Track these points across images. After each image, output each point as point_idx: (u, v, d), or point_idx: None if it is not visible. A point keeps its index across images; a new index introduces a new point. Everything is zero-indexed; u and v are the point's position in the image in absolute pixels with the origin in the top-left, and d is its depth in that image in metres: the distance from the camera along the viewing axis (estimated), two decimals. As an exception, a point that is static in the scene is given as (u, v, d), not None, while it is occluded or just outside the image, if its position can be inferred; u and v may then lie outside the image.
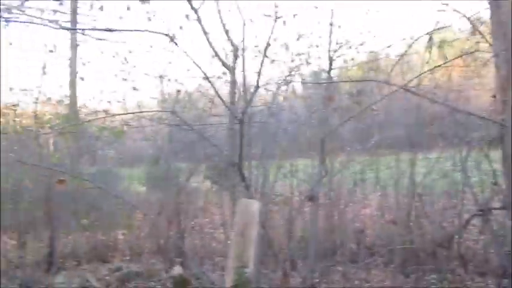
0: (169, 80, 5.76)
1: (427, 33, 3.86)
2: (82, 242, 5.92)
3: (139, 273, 5.42)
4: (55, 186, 4.72)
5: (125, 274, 5.37)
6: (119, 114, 5.00)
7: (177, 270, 3.77)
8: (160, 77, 5.58)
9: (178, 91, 5.40)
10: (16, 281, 4.88)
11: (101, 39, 9.90)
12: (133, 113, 4.75)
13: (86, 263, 5.68)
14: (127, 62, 5.73)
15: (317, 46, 5.20)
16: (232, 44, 4.46)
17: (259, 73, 3.46)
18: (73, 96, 10.43)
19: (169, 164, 6.35)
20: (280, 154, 5.61)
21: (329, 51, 4.44)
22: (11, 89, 6.32)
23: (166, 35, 3.31)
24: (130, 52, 5.79)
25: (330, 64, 4.57)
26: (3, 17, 9.47)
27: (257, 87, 3.62)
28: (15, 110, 6.31)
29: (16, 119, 6.22)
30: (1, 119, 7.18)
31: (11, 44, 8.55)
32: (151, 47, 5.67)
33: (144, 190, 8.59)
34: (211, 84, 3.63)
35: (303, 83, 6.29)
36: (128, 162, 9.90)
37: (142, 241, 6.41)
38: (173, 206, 5.80)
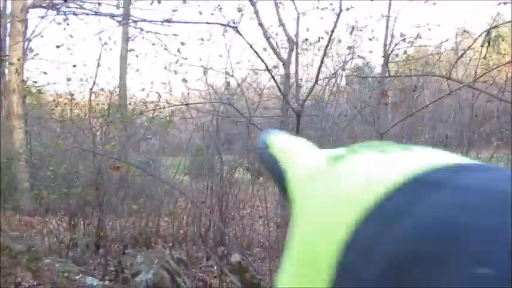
0: (219, 72, 5.83)
1: (491, 28, 3.64)
2: (128, 227, 6.12)
3: (181, 259, 5.57)
4: (110, 173, 4.90)
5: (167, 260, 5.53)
6: (174, 106, 5.07)
7: (235, 257, 3.79)
8: (209, 69, 5.65)
9: (228, 83, 5.44)
10: (68, 261, 5.13)
11: (152, 32, 10.22)
12: (186, 104, 4.81)
13: (130, 248, 5.90)
14: (180, 54, 5.85)
15: (370, 39, 5.08)
16: (288, 37, 4.41)
17: (319, 67, 3.39)
18: (123, 87, 10.86)
19: (214, 155, 6.45)
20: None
21: (385, 44, 4.31)
22: (68, 79, 6.64)
23: (229, 25, 3.33)
24: (182, 44, 5.89)
25: (388, 57, 4.43)
26: (62, 10, 9.95)
27: (316, 80, 3.56)
28: (71, 100, 6.63)
29: (71, 108, 6.52)
30: (58, 108, 7.58)
31: (71, 36, 9.01)
32: (203, 39, 5.75)
33: (187, 179, 8.80)
34: (272, 77, 3.59)
35: (361, 77, 6.14)
36: (171, 152, 10.13)
37: (185, 228, 6.58)
38: (216, 196, 5.89)
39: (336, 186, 0.21)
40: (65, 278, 1.90)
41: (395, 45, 4.39)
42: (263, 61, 3.25)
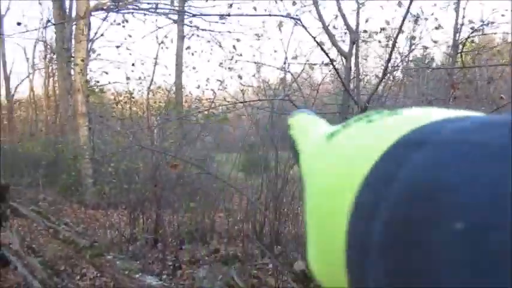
0: (273, 68, 5.75)
1: None
2: (184, 223, 6.23)
3: (236, 256, 5.58)
4: (168, 170, 4.99)
5: (223, 256, 5.56)
6: (232, 103, 5.03)
7: (299, 265, 3.64)
8: (264, 65, 5.58)
9: (282, 79, 5.34)
10: (128, 253, 5.30)
11: (207, 30, 10.35)
12: (244, 102, 4.77)
13: (187, 243, 6.00)
14: (235, 51, 5.84)
15: (436, 28, 4.74)
16: (349, 29, 4.22)
17: (388, 60, 3.19)
18: (179, 85, 11.12)
19: (269, 152, 6.40)
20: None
21: (455, 33, 4.00)
22: (127, 78, 6.87)
23: (292, 17, 3.24)
24: (238, 41, 5.87)
25: (462, 46, 4.11)
26: (121, 12, 10.31)
27: (385, 74, 3.36)
28: (130, 98, 6.86)
29: (131, 106, 6.73)
30: (118, 106, 7.88)
31: (130, 36, 9.35)
32: (258, 35, 5.70)
33: (241, 176, 8.83)
34: (336, 71, 3.44)
35: (433, 69, 5.79)
36: (225, 148, 10.22)
37: (239, 225, 6.59)
38: (271, 193, 5.83)
39: (331, 162, 0.22)
40: (125, 275, 1.90)
41: (472, 31, 4.05)
42: (327, 54, 3.10)
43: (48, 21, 14.25)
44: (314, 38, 2.96)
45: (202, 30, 10.51)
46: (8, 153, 10.96)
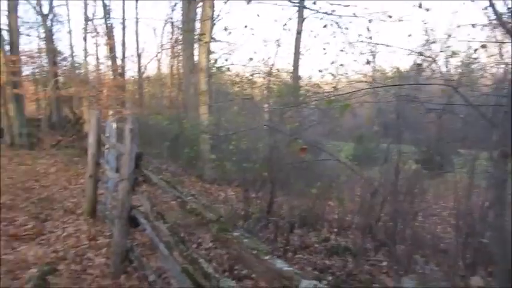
0: (409, 52, 5.31)
1: None
2: (297, 207, 6.20)
3: (347, 248, 5.40)
4: (286, 152, 4.98)
5: (333, 246, 5.43)
6: (369, 87, 4.67)
7: (477, 281, 3.25)
8: (399, 48, 5.17)
9: (419, 65, 4.93)
10: (240, 230, 5.44)
11: (328, 13, 10.11)
12: (377, 86, 4.48)
13: (297, 228, 5.97)
14: (363, 35, 5.55)
15: None
16: None
17: None
18: (296, 69, 11.12)
19: (388, 143, 6.04)
20: None
21: None
22: (250, 59, 7.00)
23: None
24: (370, 22, 5.55)
25: None
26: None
27: None
28: (251, 79, 7.01)
29: (251, 86, 6.87)
30: (239, 87, 8.11)
31: (245, 26, 9.58)
32: (390, 16, 5.32)
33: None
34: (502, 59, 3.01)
35: None
36: (337, 136, 9.95)
37: (352, 216, 6.38)
38: (389, 188, 5.49)
39: None
40: (253, 255, 1.88)
41: None
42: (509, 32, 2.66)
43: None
44: (499, 14, 2.54)
45: (324, 13, 10.28)
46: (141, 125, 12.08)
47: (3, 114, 12.93)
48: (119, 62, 17.42)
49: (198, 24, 11.82)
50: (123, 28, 17.75)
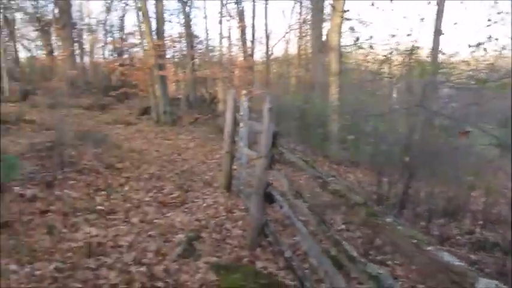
0: None
1: None
2: (436, 195, 5.75)
3: (495, 243, 4.83)
4: (458, 136, 4.56)
5: (479, 240, 4.91)
6: None
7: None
8: None
9: None
10: (390, 216, 5.22)
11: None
12: None
13: (435, 218, 5.54)
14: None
15: None
16: None
17: None
18: (436, 48, 10.18)
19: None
20: None
21: None
22: (392, 35, 6.59)
23: None
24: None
25: None
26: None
27: None
28: (387, 58, 6.62)
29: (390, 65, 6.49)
30: (370, 66, 7.75)
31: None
32: None
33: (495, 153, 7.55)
34: None
35: None
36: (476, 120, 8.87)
37: (499, 208, 5.70)
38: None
39: None
40: (413, 244, 1.75)
41: None
42: None
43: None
44: None
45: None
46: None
47: (151, 94, 14.42)
48: (248, 44, 18.04)
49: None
50: (253, 11, 18.25)
